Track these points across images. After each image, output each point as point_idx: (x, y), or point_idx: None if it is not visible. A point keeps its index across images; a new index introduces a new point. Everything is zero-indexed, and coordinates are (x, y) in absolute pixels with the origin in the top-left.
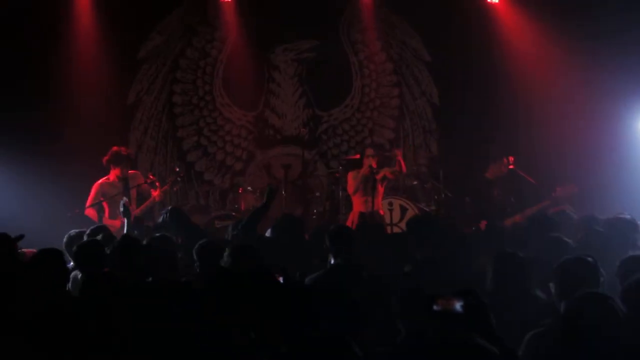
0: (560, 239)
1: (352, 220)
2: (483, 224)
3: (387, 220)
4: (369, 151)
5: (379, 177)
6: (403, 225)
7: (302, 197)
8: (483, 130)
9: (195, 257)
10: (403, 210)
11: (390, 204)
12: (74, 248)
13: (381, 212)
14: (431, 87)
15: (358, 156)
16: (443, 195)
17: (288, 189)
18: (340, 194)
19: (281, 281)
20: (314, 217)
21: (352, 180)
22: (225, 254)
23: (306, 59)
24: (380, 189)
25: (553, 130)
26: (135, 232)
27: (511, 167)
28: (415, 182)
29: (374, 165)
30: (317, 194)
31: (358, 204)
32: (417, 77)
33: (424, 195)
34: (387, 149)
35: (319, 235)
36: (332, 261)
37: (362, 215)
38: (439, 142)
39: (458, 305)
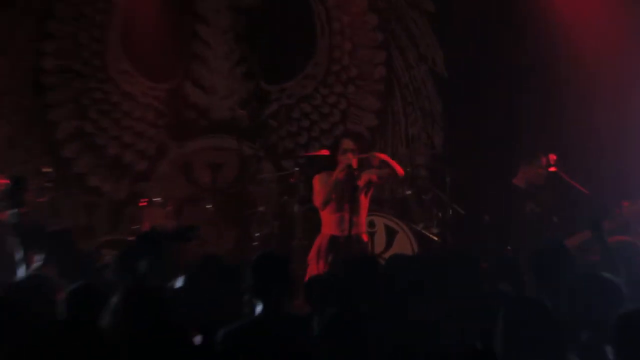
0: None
1: (318, 247)
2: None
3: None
4: (347, 144)
5: (361, 182)
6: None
7: (237, 212)
8: (510, 116)
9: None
10: (390, 233)
11: (371, 224)
12: None
13: (364, 236)
14: (434, 50)
15: (327, 152)
16: (450, 212)
17: (217, 201)
18: (296, 208)
19: (197, 342)
20: (256, 243)
21: (319, 187)
22: (113, 303)
23: (248, 7)
24: (364, 202)
25: (613, 119)
26: None
27: (553, 169)
28: (408, 192)
29: (354, 165)
30: (262, 208)
31: (329, 224)
32: (413, 35)
33: (421, 211)
34: (366, 144)
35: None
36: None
37: (334, 241)
38: (446, 132)
39: None
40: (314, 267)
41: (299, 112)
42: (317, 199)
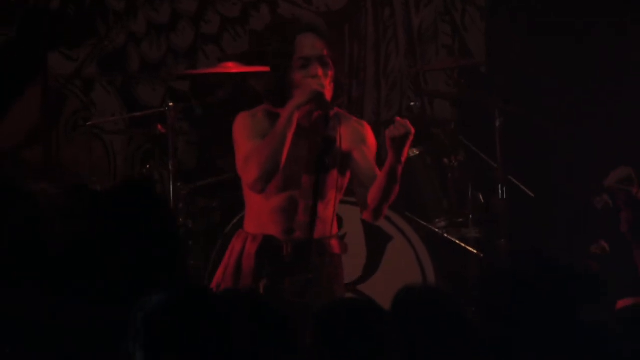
0: None
1: (235, 263)
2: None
3: None
4: (310, 44)
5: (344, 142)
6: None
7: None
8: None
9: None
10: (375, 238)
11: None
12: None
13: (333, 244)
14: None
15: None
16: (503, 194)
17: None
18: (181, 185)
19: None
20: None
21: (246, 138)
22: None
23: None
24: (339, 181)
25: None
26: None
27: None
28: (415, 152)
29: (328, 90)
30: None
31: (263, 214)
32: None
33: (441, 193)
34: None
35: None
36: None
37: (270, 250)
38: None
39: None
40: None
41: None
42: (243, 164)
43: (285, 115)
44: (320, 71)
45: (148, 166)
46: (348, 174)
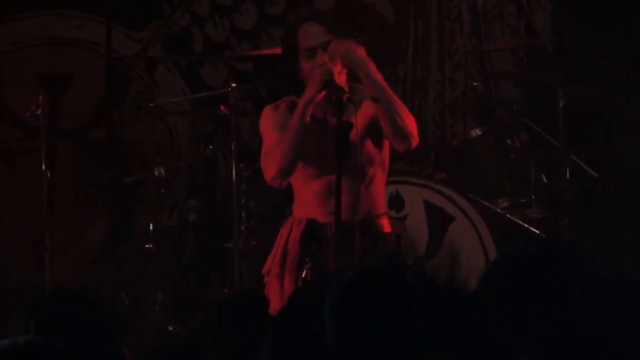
0: None
1: (283, 248)
2: None
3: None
4: (313, 33)
5: (361, 118)
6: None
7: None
8: None
9: None
10: (438, 218)
11: (398, 200)
12: None
13: (383, 223)
14: None
15: (279, 51)
16: (567, 174)
17: None
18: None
19: None
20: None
21: (271, 130)
22: None
23: None
24: (377, 157)
25: None
26: None
27: None
28: (477, 132)
29: (342, 77)
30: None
31: (305, 200)
32: None
33: (505, 173)
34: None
35: None
36: None
37: (315, 233)
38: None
39: None
40: (276, 288)
41: None
42: (264, 159)
43: (298, 111)
44: (326, 57)
45: (211, 147)
46: (386, 145)
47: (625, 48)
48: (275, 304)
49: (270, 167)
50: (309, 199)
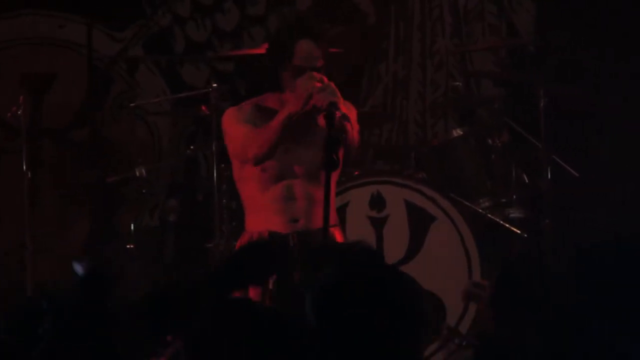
0: None
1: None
2: None
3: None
4: (305, 45)
5: (353, 132)
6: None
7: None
8: None
9: None
10: (418, 219)
11: (379, 200)
12: None
13: (336, 233)
14: None
15: (263, 51)
16: (549, 174)
17: None
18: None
19: None
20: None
21: (236, 121)
22: None
23: None
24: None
25: None
26: None
27: None
28: (458, 132)
29: (324, 80)
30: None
31: (262, 209)
32: None
33: (484, 173)
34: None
35: None
36: None
37: (266, 243)
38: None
39: None
40: None
41: None
42: (242, 141)
43: (280, 120)
44: (315, 74)
45: (192, 147)
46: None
47: (610, 47)
48: None
49: (251, 147)
50: (267, 205)
